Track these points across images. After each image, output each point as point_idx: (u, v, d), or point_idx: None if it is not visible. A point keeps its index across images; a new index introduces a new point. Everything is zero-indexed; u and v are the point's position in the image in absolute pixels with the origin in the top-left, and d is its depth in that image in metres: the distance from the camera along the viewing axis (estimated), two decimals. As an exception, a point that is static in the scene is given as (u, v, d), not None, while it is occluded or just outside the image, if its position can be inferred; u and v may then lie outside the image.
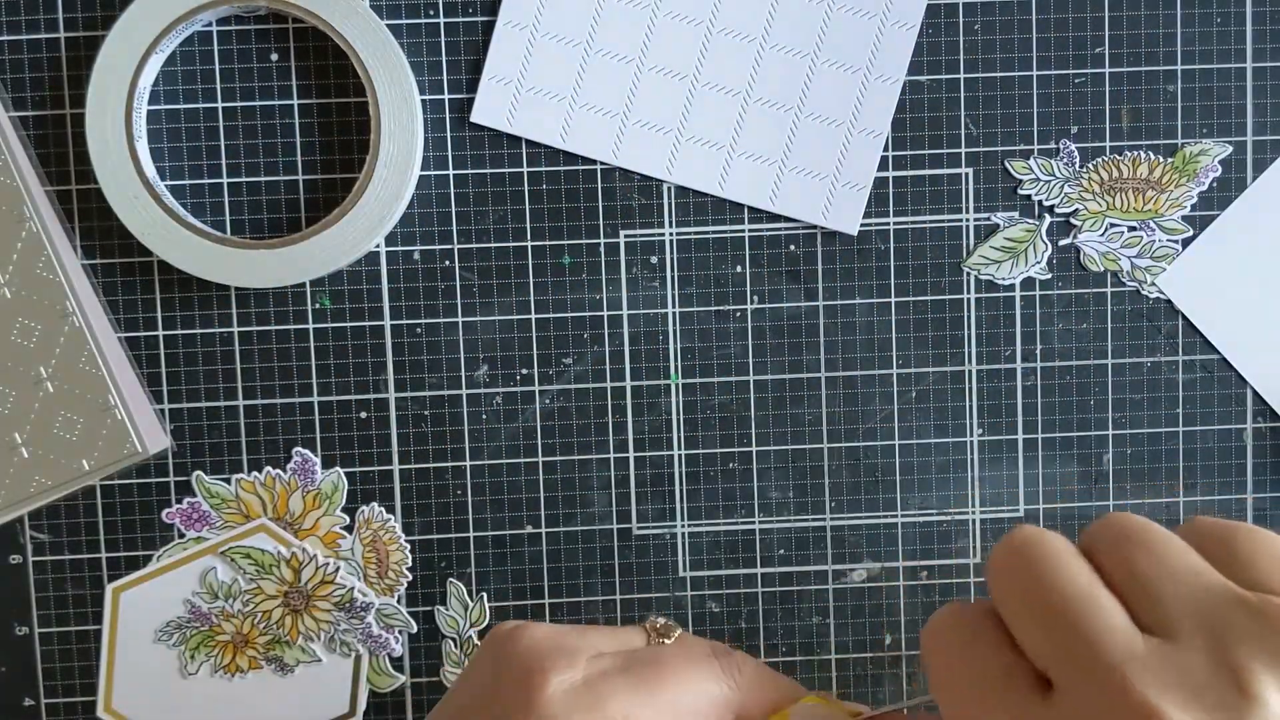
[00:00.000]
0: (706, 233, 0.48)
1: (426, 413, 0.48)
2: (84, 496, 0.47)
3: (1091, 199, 0.48)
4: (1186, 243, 0.48)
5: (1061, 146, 0.48)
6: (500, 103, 0.47)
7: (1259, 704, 0.24)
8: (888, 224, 0.48)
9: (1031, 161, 0.48)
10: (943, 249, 0.48)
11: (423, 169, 0.47)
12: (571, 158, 0.47)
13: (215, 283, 0.47)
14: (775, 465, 0.49)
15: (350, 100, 0.47)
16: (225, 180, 0.47)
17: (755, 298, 0.48)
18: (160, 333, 0.47)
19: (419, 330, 0.48)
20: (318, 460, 0.48)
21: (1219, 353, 0.48)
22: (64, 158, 0.46)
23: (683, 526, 0.49)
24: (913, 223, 0.48)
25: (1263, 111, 0.48)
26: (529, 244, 0.48)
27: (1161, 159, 0.48)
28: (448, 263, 0.47)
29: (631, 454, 0.48)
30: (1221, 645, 0.25)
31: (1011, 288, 0.48)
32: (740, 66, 0.47)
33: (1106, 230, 0.48)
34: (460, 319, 0.48)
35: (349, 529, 0.48)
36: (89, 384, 0.46)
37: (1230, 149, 0.48)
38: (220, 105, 0.47)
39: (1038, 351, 0.48)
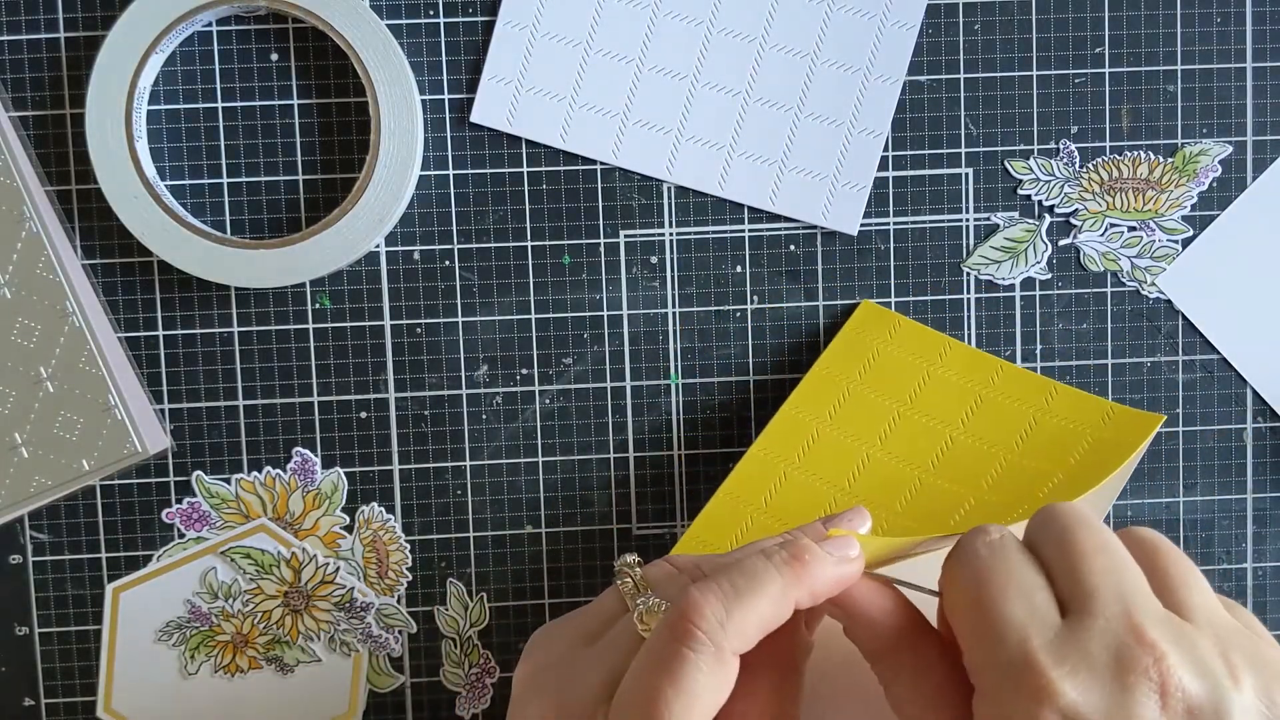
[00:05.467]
0: (706, 233, 0.48)
1: (426, 413, 0.48)
2: (84, 496, 0.47)
3: (1091, 199, 0.48)
4: (1186, 243, 0.48)
5: (1061, 146, 0.48)
6: (500, 103, 0.47)
7: (1149, 683, 0.27)
8: (888, 224, 0.48)
9: (1031, 161, 0.48)
10: (943, 249, 0.48)
11: (423, 169, 0.47)
12: (571, 158, 0.47)
13: (215, 283, 0.47)
14: (775, 465, 0.48)
15: (350, 100, 0.47)
16: (225, 180, 0.47)
17: (755, 298, 0.48)
18: (160, 333, 0.47)
19: (419, 330, 0.48)
20: (318, 460, 0.48)
21: (1219, 353, 0.48)
22: (64, 158, 0.46)
23: (683, 526, 0.49)
24: (913, 223, 0.48)
25: (1263, 111, 0.48)
26: (529, 244, 0.48)
27: (1161, 159, 0.48)
28: (448, 263, 0.47)
29: (631, 454, 0.48)
30: (1131, 621, 0.28)
31: (1011, 288, 0.48)
32: (740, 66, 0.47)
33: (1106, 230, 0.48)
34: (460, 319, 0.48)
35: (349, 529, 0.48)
36: (89, 384, 0.46)
37: (1230, 149, 0.48)
38: (220, 105, 0.47)
39: (1038, 351, 0.48)
